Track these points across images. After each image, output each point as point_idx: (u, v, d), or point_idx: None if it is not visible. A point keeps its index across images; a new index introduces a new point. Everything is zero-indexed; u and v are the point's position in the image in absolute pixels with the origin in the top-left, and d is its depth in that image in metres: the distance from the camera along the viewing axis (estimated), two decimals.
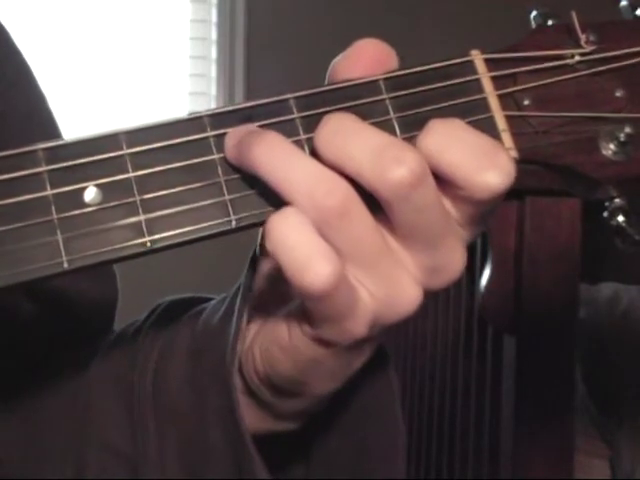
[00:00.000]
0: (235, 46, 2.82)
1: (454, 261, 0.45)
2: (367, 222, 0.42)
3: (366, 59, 0.46)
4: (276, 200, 0.43)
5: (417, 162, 0.41)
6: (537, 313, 1.32)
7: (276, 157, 0.42)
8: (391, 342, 2.22)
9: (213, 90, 2.84)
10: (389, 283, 0.43)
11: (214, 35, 2.88)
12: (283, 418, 0.53)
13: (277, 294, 0.48)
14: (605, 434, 1.75)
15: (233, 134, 0.44)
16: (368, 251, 0.43)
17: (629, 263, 2.15)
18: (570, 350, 1.33)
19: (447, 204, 0.44)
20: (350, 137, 0.42)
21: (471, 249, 1.69)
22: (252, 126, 0.44)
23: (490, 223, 1.32)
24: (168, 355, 0.56)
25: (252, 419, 0.52)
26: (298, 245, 0.41)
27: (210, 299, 0.59)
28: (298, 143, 0.44)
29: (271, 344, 0.48)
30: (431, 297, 0.46)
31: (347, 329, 0.44)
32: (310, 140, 0.44)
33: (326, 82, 0.47)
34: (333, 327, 0.44)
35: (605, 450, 1.74)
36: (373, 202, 0.43)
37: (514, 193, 1.39)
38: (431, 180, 0.42)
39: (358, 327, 0.44)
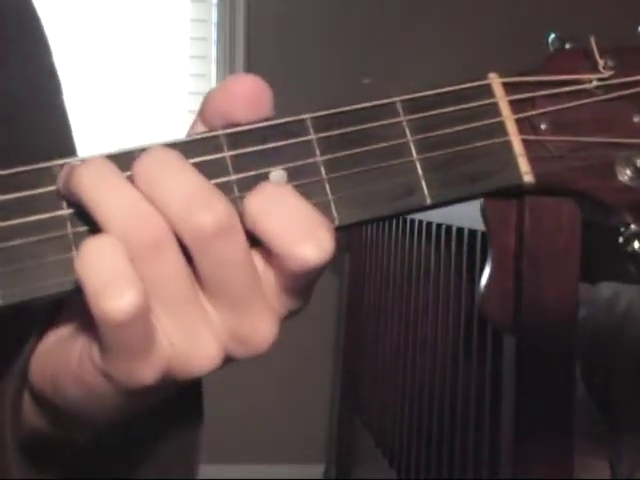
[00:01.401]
0: (235, 46, 2.82)
1: (260, 332, 0.42)
2: (177, 265, 0.41)
3: (241, 95, 0.44)
4: None
5: (225, 213, 0.40)
6: (537, 313, 1.32)
7: (96, 185, 0.41)
8: (392, 342, 2.22)
9: None
10: (190, 335, 0.42)
11: (214, 35, 2.88)
12: (67, 430, 0.51)
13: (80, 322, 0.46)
14: (605, 434, 1.75)
15: (67, 166, 0.42)
16: (173, 294, 0.41)
17: None
18: (570, 350, 1.33)
19: (265, 271, 0.43)
20: (165, 175, 0.41)
21: (471, 249, 1.70)
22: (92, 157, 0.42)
23: (493, 229, 1.32)
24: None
25: (39, 423, 0.50)
26: (103, 267, 0.39)
27: None
28: (314, 165, 0.44)
29: (60, 367, 0.45)
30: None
31: (136, 371, 0.41)
32: (327, 162, 0.44)
33: (198, 114, 0.45)
34: (122, 365, 0.41)
35: (605, 450, 1.75)
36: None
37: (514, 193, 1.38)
38: (240, 237, 0.41)
39: (148, 372, 0.41)
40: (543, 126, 0.45)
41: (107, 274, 0.39)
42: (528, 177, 0.45)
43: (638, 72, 0.45)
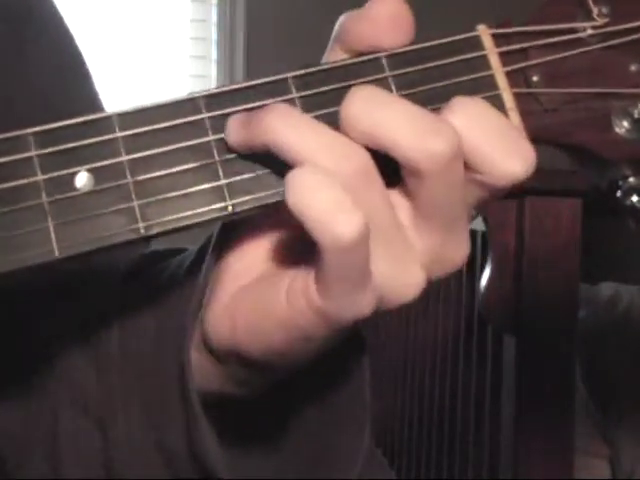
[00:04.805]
0: (235, 46, 2.83)
1: (461, 249, 0.44)
2: (384, 193, 0.41)
3: (384, 18, 0.43)
4: (276, 182, 0.42)
5: (455, 135, 0.40)
6: (537, 313, 1.32)
7: (292, 124, 0.40)
8: (392, 342, 2.22)
9: None
10: (398, 262, 0.42)
11: (214, 35, 2.90)
12: (241, 384, 0.50)
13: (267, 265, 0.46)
14: (605, 434, 1.75)
15: (237, 116, 0.42)
16: (384, 223, 0.41)
17: (629, 263, 2.15)
18: (570, 350, 1.33)
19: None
20: (385, 107, 0.41)
21: (471, 249, 1.71)
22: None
23: (491, 222, 1.32)
24: (135, 308, 0.54)
25: (208, 378, 0.50)
26: (327, 196, 0.39)
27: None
28: None
29: (263, 316, 0.44)
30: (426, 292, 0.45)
31: (356, 302, 0.41)
32: None
33: (335, 41, 0.45)
34: (344, 298, 0.41)
35: (605, 450, 1.74)
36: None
37: (514, 193, 1.38)
38: (462, 158, 0.41)
39: (367, 302, 0.42)
40: (535, 78, 0.44)
41: (331, 201, 0.39)
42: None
43: (633, 19, 0.43)
